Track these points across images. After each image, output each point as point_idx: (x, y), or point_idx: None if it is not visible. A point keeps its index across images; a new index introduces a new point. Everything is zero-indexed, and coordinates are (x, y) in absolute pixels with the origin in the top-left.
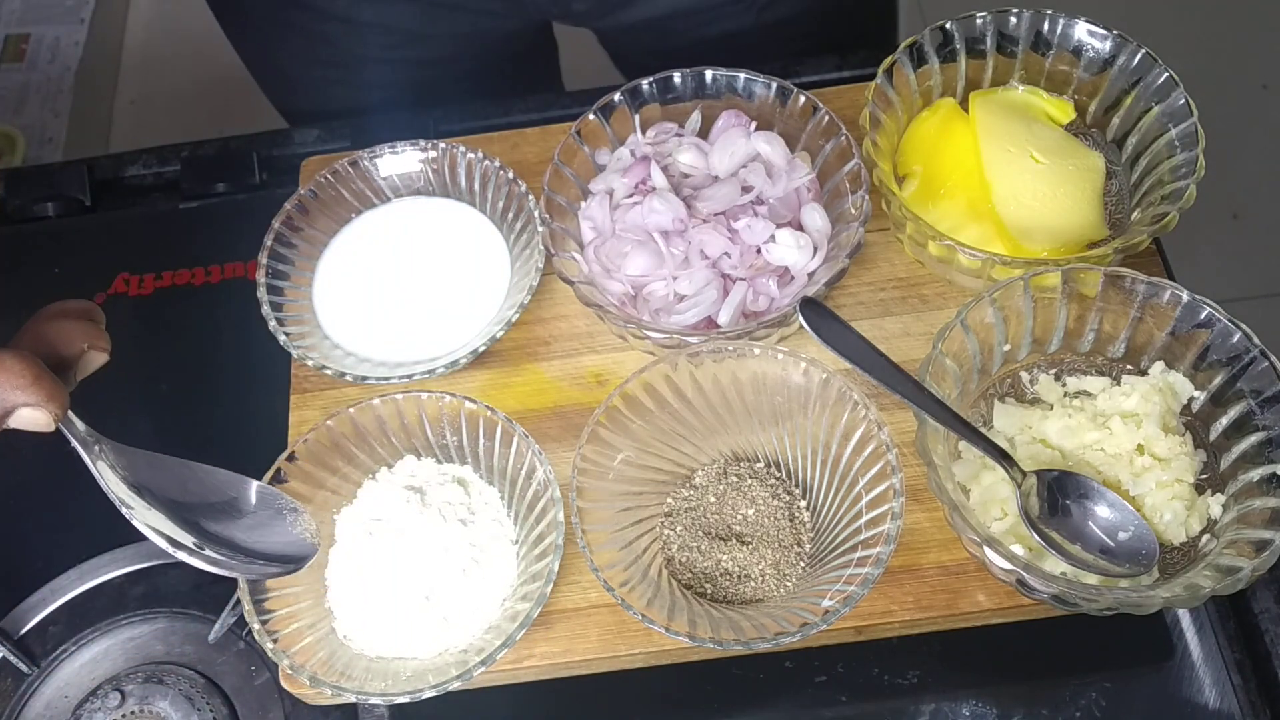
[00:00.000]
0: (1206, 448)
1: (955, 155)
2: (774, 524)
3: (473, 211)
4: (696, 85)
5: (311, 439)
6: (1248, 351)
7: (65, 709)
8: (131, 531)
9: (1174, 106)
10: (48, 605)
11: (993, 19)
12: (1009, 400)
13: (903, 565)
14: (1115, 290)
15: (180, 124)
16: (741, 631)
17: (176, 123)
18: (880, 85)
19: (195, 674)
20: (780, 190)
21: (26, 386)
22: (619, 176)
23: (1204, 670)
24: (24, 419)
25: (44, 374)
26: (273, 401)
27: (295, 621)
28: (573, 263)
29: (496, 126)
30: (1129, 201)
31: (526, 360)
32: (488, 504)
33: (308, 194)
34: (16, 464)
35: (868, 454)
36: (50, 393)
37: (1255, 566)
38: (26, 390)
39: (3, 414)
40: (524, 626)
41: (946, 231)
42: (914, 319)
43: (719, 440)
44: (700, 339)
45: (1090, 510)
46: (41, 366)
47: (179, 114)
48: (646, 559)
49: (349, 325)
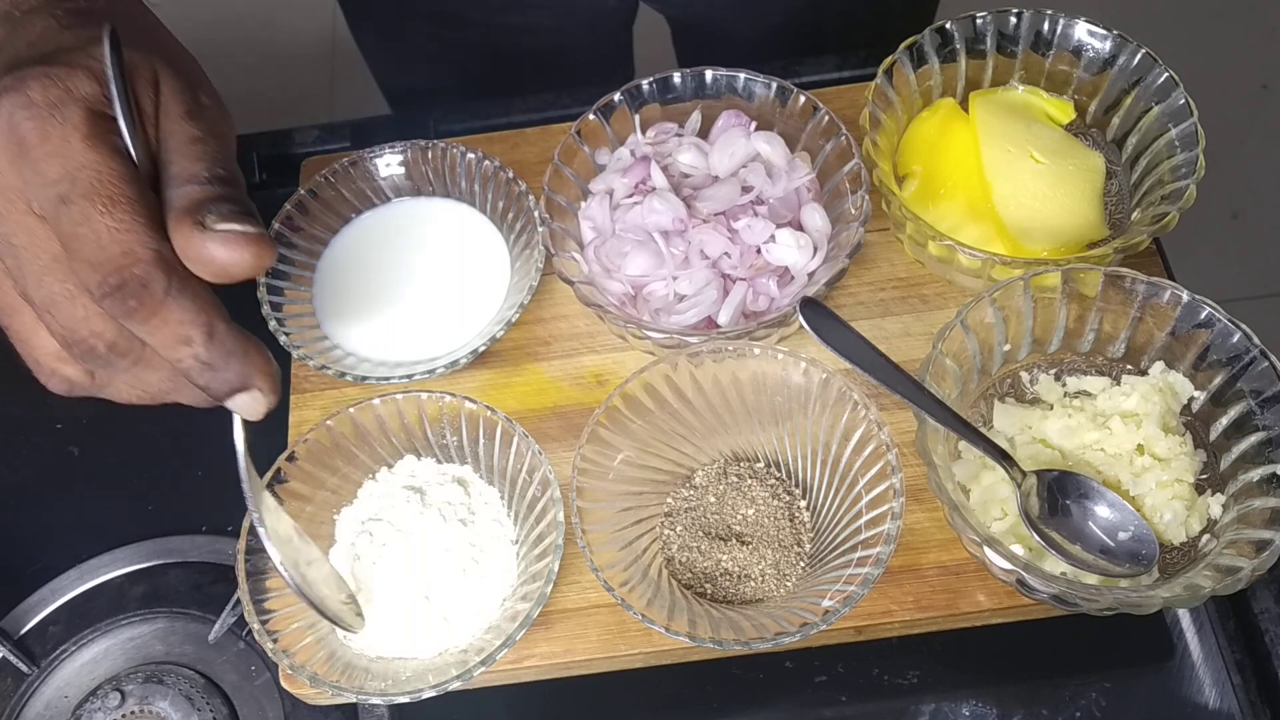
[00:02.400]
0: (1206, 448)
1: (955, 155)
2: (774, 524)
3: (473, 211)
4: (696, 85)
5: (311, 439)
6: (1248, 351)
7: (65, 709)
8: (131, 532)
9: (1174, 106)
10: (48, 605)
11: (993, 19)
12: (1009, 400)
13: (903, 565)
14: (1115, 290)
15: None
16: (741, 631)
17: None
18: (880, 85)
19: (195, 674)
20: (780, 190)
21: (266, 367)
22: (619, 176)
23: (1204, 670)
24: (240, 406)
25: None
26: None
27: (295, 621)
28: (573, 263)
29: (496, 126)
30: (1129, 201)
31: (526, 360)
32: (488, 504)
33: (308, 194)
34: (16, 464)
35: (868, 454)
36: (277, 383)
37: (1255, 566)
38: (266, 369)
39: (236, 388)
40: (524, 626)
41: (946, 231)
42: (914, 319)
43: (719, 440)
44: (700, 339)
45: (1090, 510)
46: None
47: None
48: (646, 559)
49: (349, 325)
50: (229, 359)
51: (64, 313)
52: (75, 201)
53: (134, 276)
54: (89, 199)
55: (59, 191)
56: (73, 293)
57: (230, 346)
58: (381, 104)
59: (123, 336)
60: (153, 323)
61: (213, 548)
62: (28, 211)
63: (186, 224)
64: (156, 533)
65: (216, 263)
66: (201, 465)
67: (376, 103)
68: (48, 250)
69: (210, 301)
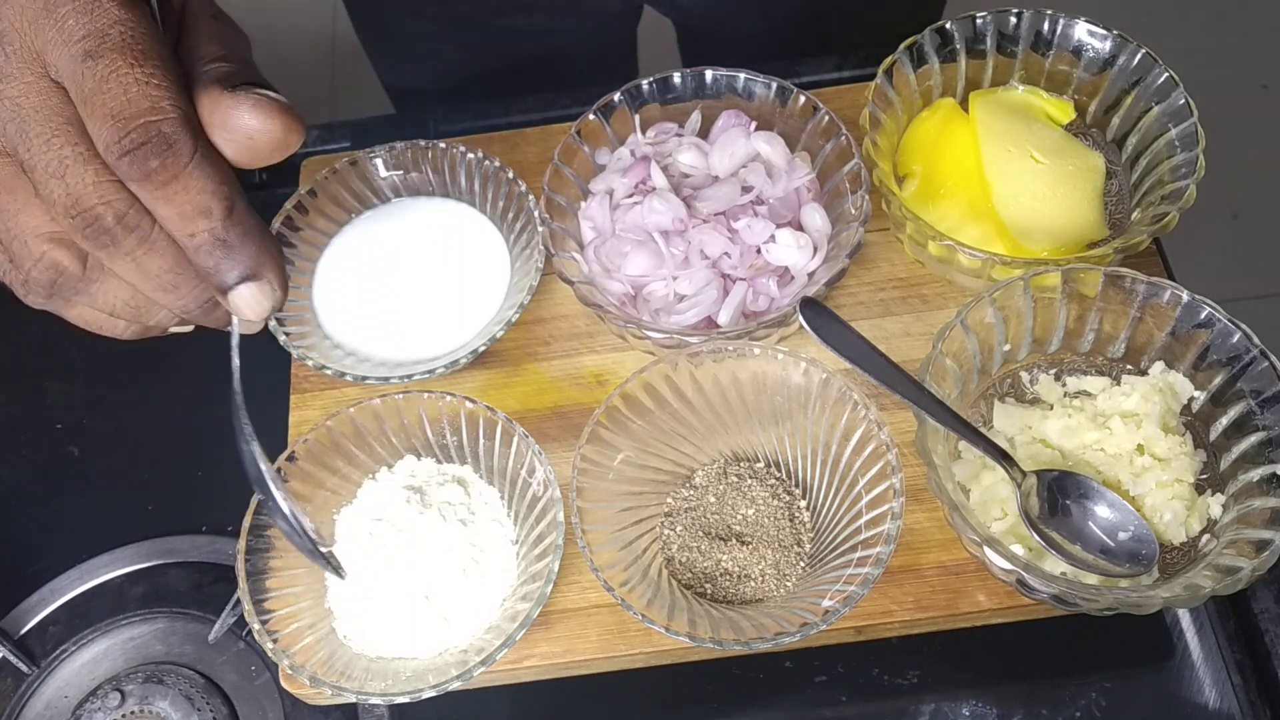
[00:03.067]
0: (1206, 448)
1: (955, 155)
2: (774, 524)
3: (473, 211)
4: (696, 85)
5: (311, 439)
6: (1248, 351)
7: (65, 709)
8: (131, 532)
9: (1174, 106)
10: (48, 605)
11: (993, 19)
12: (1009, 400)
13: (903, 565)
14: (1115, 290)
15: None
16: (741, 631)
17: None
18: (880, 85)
19: (195, 674)
20: (780, 190)
21: (278, 258)
22: (619, 176)
23: (1204, 670)
24: (246, 298)
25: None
26: (273, 401)
27: (295, 621)
28: (573, 263)
29: (496, 126)
30: (1129, 201)
31: (526, 360)
32: (488, 504)
33: (308, 194)
34: (16, 464)
35: (868, 454)
36: (285, 279)
37: (1255, 566)
38: (279, 261)
39: (247, 273)
40: (524, 626)
41: (946, 231)
42: (914, 319)
43: (719, 440)
44: (700, 339)
45: (1090, 510)
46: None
47: None
48: (646, 559)
49: (349, 325)
50: (246, 239)
51: (73, 176)
52: (103, 55)
53: (160, 134)
54: (119, 52)
55: (85, 48)
56: (85, 155)
57: (249, 226)
58: (381, 104)
59: (134, 208)
60: (172, 188)
61: (213, 548)
62: (42, 75)
63: (215, 90)
64: (156, 533)
65: (245, 128)
66: (201, 465)
67: (376, 103)
68: (60, 114)
69: (232, 175)
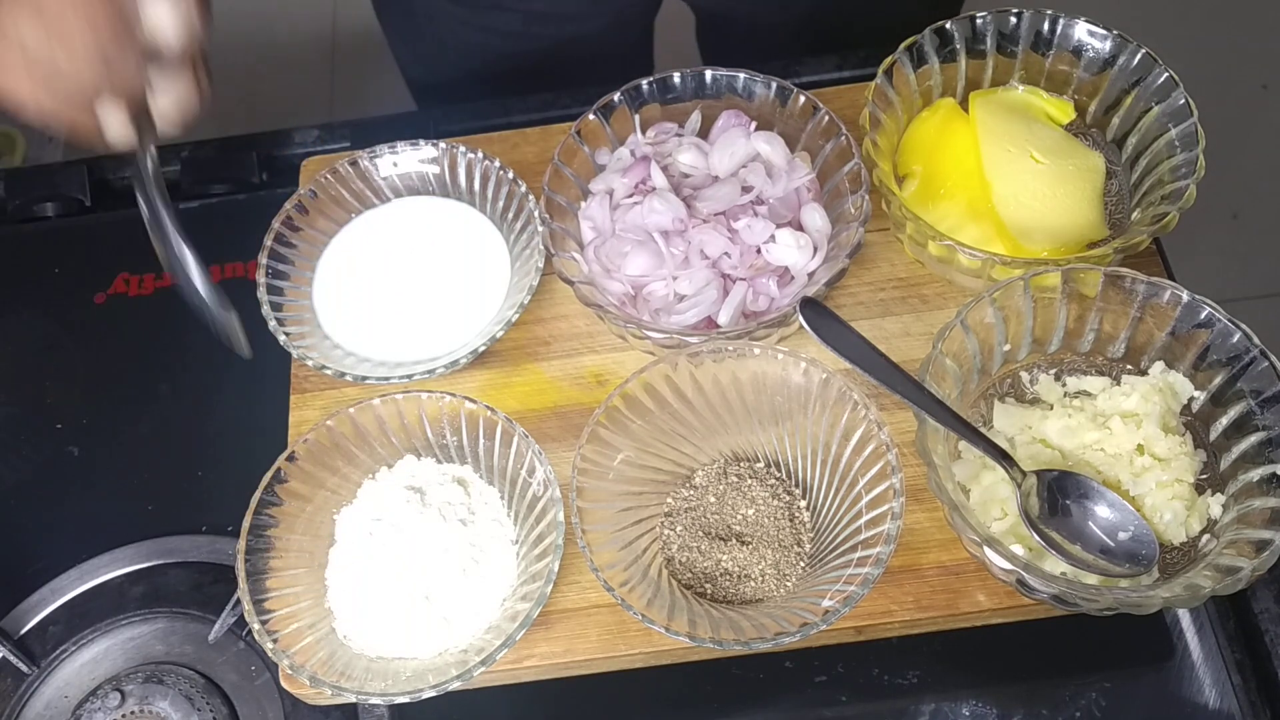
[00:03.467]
0: (1206, 448)
1: (955, 155)
2: (774, 524)
3: (473, 211)
4: (696, 85)
5: (311, 439)
6: (1248, 351)
7: (65, 709)
8: (131, 532)
9: (1174, 106)
10: (48, 605)
11: (993, 19)
12: (1009, 400)
13: (903, 565)
14: (1115, 290)
15: None
16: (741, 631)
17: None
18: (880, 85)
19: (195, 674)
20: (780, 190)
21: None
22: (619, 176)
23: (1204, 670)
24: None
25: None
26: (273, 401)
27: (295, 621)
28: (573, 263)
29: (496, 126)
30: (1129, 201)
31: (526, 360)
32: (488, 504)
33: (308, 194)
34: (16, 464)
35: (868, 454)
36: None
37: (1255, 566)
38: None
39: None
40: (524, 626)
41: (946, 231)
42: (914, 319)
43: (719, 440)
44: (700, 339)
45: (1090, 510)
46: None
47: None
48: (646, 559)
49: (349, 325)
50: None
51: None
52: None
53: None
54: None
55: None
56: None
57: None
58: (382, 104)
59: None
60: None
61: (213, 548)
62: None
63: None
64: (156, 533)
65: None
66: (201, 465)
67: (376, 103)
68: None
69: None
